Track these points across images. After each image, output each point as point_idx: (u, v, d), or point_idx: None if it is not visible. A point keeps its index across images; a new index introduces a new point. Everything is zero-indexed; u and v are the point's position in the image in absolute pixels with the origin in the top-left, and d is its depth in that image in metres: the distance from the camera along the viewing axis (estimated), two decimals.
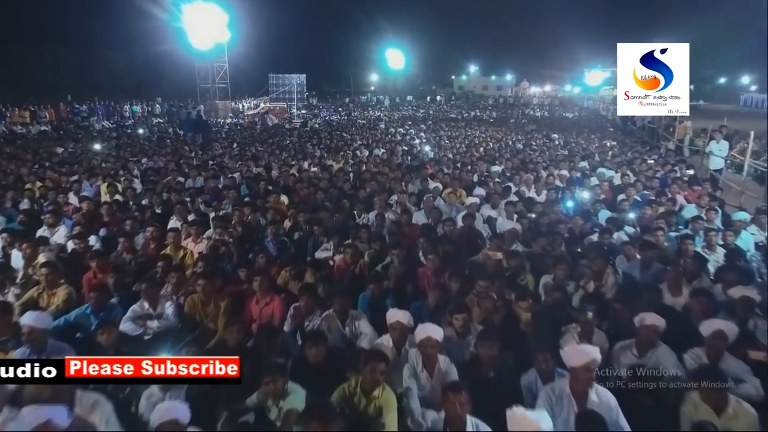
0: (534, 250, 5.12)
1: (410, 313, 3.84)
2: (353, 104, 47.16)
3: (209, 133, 16.62)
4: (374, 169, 10.82)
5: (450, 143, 15.34)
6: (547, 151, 13.16)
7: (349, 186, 8.70)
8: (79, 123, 23.29)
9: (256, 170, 10.17)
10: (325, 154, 13.00)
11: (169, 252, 5.28)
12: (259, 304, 4.18)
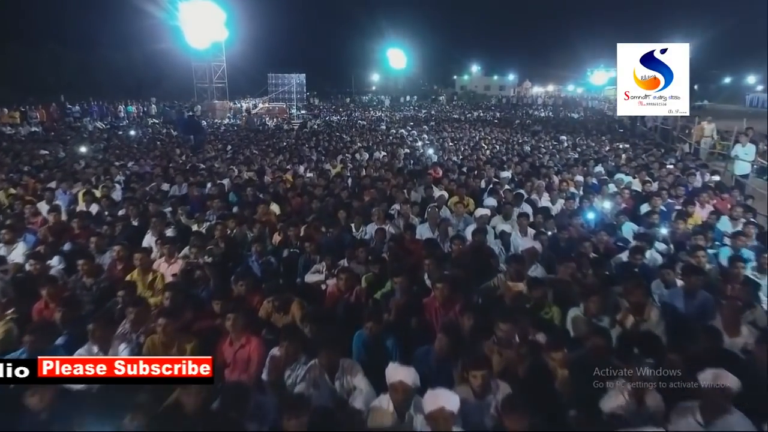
0: (559, 276, 4.39)
1: (416, 359, 3.16)
2: (354, 104, 46.56)
3: (201, 134, 15.94)
4: (374, 174, 10.13)
5: (454, 145, 14.63)
6: (558, 154, 12.43)
7: (347, 194, 7.99)
8: (72, 124, 22.63)
9: (247, 175, 9.47)
10: (322, 158, 12.30)
11: (135, 276, 4.58)
12: (234, 346, 3.47)
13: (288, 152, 13.06)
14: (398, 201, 7.47)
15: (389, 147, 13.87)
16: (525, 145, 14.56)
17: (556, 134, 17.93)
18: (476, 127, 22.33)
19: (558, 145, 14.38)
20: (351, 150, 13.30)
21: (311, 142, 15.15)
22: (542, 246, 5.15)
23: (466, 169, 10.55)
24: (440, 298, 3.95)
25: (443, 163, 11.49)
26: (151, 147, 13.94)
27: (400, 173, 9.74)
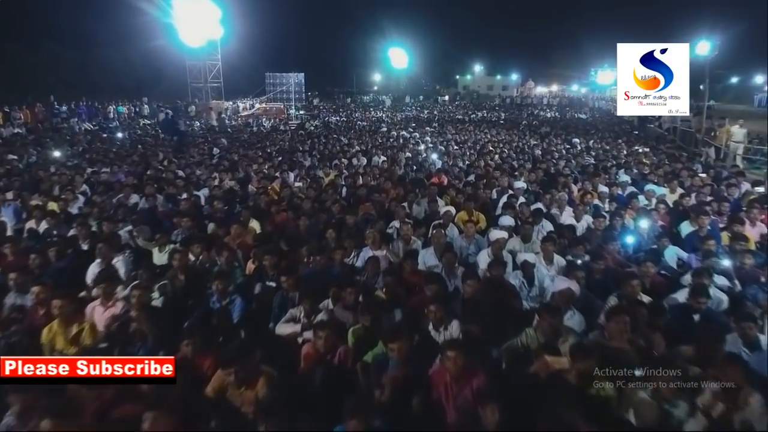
0: (611, 336, 3.30)
1: None
2: (355, 104, 45.62)
3: (184, 137, 14.93)
4: (372, 182, 9.11)
5: (459, 149, 13.57)
6: (573, 159, 11.35)
7: (339, 207, 6.94)
8: (58, 125, 21.64)
9: (228, 184, 8.44)
10: (316, 163, 11.27)
11: (54, 329, 3.54)
12: None
13: (279, 157, 12.04)
14: (398, 217, 6.44)
15: (389, 151, 12.83)
16: (536, 149, 13.48)
17: (566, 136, 16.85)
18: (481, 128, 21.26)
19: (572, 149, 13.31)
20: (348, 154, 12.27)
21: (306, 146, 14.12)
22: (578, 284, 4.06)
23: (474, 177, 9.50)
24: (452, 370, 2.90)
25: (448, 169, 10.44)
26: (131, 151, 12.91)
27: (401, 182, 8.70)
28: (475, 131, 19.08)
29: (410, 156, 12.22)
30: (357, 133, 18.30)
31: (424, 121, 25.06)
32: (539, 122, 24.23)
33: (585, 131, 19.42)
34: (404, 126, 21.96)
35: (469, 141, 15.98)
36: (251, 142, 15.35)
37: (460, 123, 23.56)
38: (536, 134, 18.84)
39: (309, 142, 15.05)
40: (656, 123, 20.01)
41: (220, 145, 14.12)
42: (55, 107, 23.42)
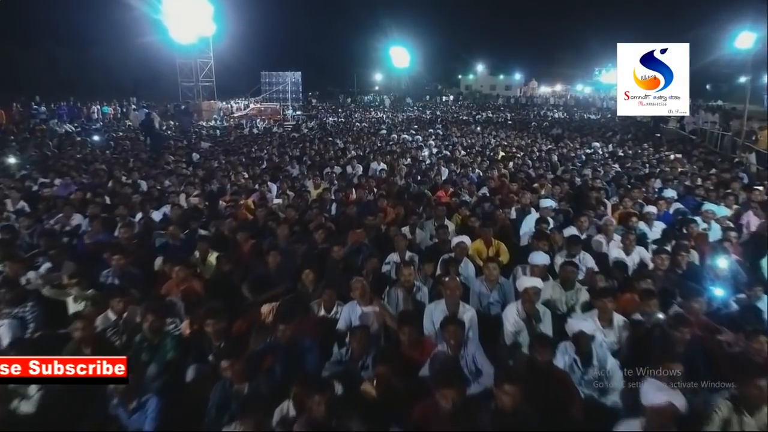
0: None
1: None
2: (355, 104, 44.30)
3: (158, 140, 13.54)
4: (368, 195, 7.71)
5: (467, 154, 12.14)
6: (600, 167, 9.90)
7: (324, 234, 5.51)
8: (36, 126, 20.26)
9: (192, 201, 7.02)
10: (305, 171, 9.86)
11: None
12: None
13: (263, 164, 10.63)
14: (397, 249, 5.03)
15: (388, 156, 11.40)
16: (552, 155, 12.02)
17: (583, 139, 15.40)
18: (488, 129, 19.83)
19: (593, 155, 11.84)
20: (342, 161, 10.85)
21: (297, 150, 12.69)
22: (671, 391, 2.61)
23: (488, 190, 8.07)
24: None
25: (456, 179, 9.03)
26: (98, 158, 11.50)
27: (401, 198, 7.28)
28: (482, 134, 17.63)
29: (412, 162, 10.81)
30: (355, 135, 16.87)
31: (427, 123, 23.62)
32: (549, 123, 22.74)
33: (600, 133, 17.97)
34: (406, 127, 20.53)
35: (477, 145, 14.55)
36: (237, 146, 13.93)
37: (465, 124, 22.11)
38: (548, 137, 17.41)
39: (301, 146, 13.63)
40: (677, 124, 18.56)
41: (200, 149, 12.71)
42: (33, 108, 22.01)
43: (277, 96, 32.76)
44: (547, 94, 58.60)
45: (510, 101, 49.25)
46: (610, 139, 15.88)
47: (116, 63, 27.75)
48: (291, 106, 32.40)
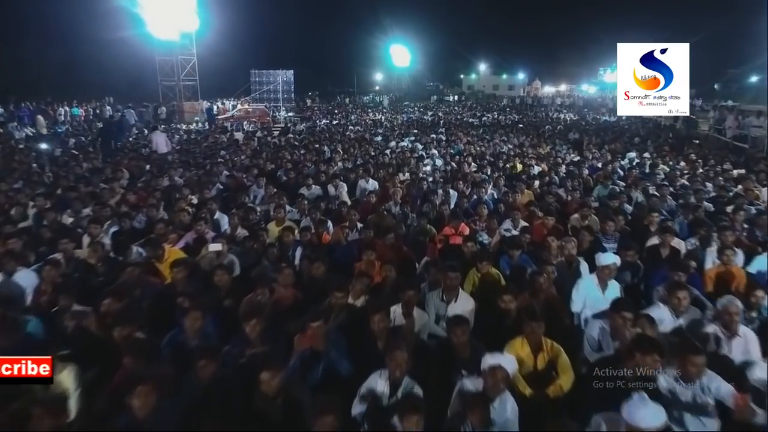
0: None
1: None
2: (354, 105, 42.29)
3: (108, 149, 11.46)
4: (348, 231, 5.59)
5: (478, 167, 9.97)
6: (653, 188, 7.72)
7: (261, 328, 3.35)
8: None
9: (99, 249, 4.84)
10: (274, 191, 7.68)
11: None
12: None
13: (219, 184, 8.47)
14: (388, 362, 2.88)
15: (382, 171, 9.23)
16: (581, 167, 9.83)
17: (610, 146, 13.22)
18: (497, 133, 17.66)
19: (634, 169, 9.60)
20: (323, 177, 8.66)
21: (272, 165, 10.49)
22: None
23: (512, 223, 5.89)
24: None
25: (468, 207, 6.87)
26: (26, 170, 9.35)
27: (395, 249, 5.09)
28: (492, 139, 15.40)
29: (410, 180, 8.63)
30: (348, 142, 14.65)
31: (428, 125, 21.43)
32: (564, 126, 20.51)
33: (626, 139, 15.79)
34: (405, 131, 18.34)
35: (488, 153, 12.37)
36: (203, 157, 11.71)
37: (471, 128, 19.91)
38: (566, 142, 15.24)
39: (282, 152, 11.41)
40: (713, 129, 16.39)
41: (156, 161, 10.53)
42: None
43: (267, 96, 30.58)
44: (552, 93, 56.93)
45: (515, 101, 47.16)
46: (642, 147, 13.69)
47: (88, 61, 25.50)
48: (282, 107, 30.26)
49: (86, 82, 24.08)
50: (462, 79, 63.79)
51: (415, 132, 17.67)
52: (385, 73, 55.05)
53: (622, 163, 10.73)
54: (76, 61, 25.18)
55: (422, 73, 55.61)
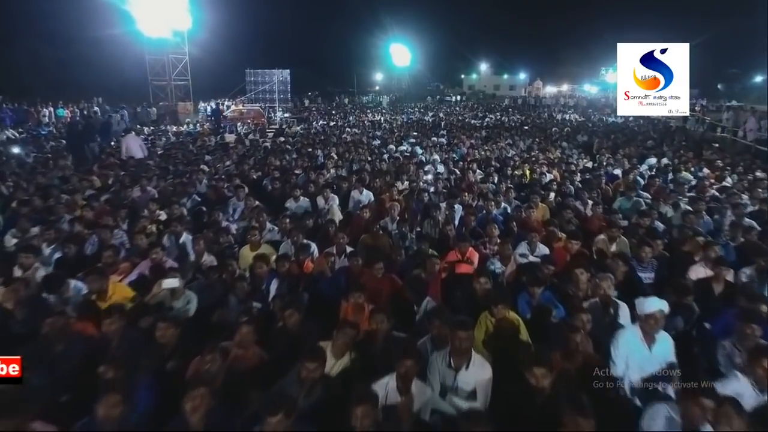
0: None
1: None
2: (353, 105, 41.42)
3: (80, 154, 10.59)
4: (334, 262, 4.69)
5: (484, 174, 9.06)
6: (685, 200, 6.81)
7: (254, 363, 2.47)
8: None
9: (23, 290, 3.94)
10: (253, 204, 6.77)
11: None
12: None
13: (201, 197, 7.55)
14: None
15: (378, 181, 8.32)
16: (599, 176, 8.92)
17: (624, 150, 12.30)
18: (502, 135, 16.74)
19: (657, 178, 8.68)
20: (312, 188, 7.74)
21: (259, 172, 9.57)
22: None
23: (533, 248, 4.97)
24: None
25: (477, 227, 5.96)
26: None
27: (390, 279, 4.19)
28: (497, 141, 14.48)
29: (409, 191, 7.71)
30: (344, 146, 13.74)
31: (429, 127, 20.49)
32: (571, 129, 19.56)
33: (639, 142, 14.87)
34: (405, 134, 17.42)
35: (493, 158, 11.44)
36: (186, 163, 10.76)
37: (474, 130, 18.97)
38: (577, 146, 14.32)
39: (266, 162, 10.50)
40: (728, 131, 15.47)
41: (131, 168, 9.60)
42: None
43: (263, 96, 29.63)
44: (553, 94, 56.09)
45: (517, 102, 46.20)
46: (659, 151, 12.76)
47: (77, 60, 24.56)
48: (279, 107, 29.31)
49: (75, 81, 23.13)
50: (463, 78, 63.05)
51: (415, 134, 16.74)
52: (386, 72, 54.36)
53: (641, 169, 9.82)
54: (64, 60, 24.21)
55: (423, 72, 54.88)
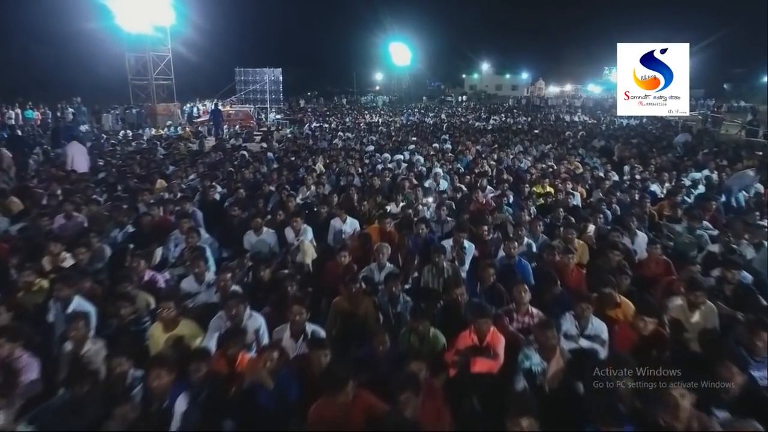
0: None
1: None
2: (351, 105, 39.87)
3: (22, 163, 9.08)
4: (266, 367, 3.15)
5: (498, 194, 7.39)
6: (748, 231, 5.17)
7: None
8: None
9: None
10: (200, 234, 5.16)
11: None
12: None
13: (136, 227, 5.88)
14: None
15: (367, 203, 6.67)
16: (643, 198, 7.23)
17: (657, 161, 10.64)
18: (510, 140, 15.10)
19: (712, 202, 6.98)
20: (283, 214, 6.08)
21: (225, 188, 7.92)
22: None
23: (584, 324, 3.32)
24: None
25: (498, 286, 4.30)
26: None
27: (366, 400, 2.53)
28: (508, 150, 12.73)
29: (403, 218, 6.03)
30: (332, 154, 12.07)
31: (429, 130, 18.80)
32: (587, 133, 17.83)
33: (663, 149, 13.24)
34: (404, 138, 15.76)
35: (505, 170, 9.74)
36: (139, 177, 9.07)
37: (479, 133, 17.28)
38: (596, 153, 12.65)
39: (238, 176, 8.83)
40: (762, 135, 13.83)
41: (66, 183, 7.93)
42: None
43: (254, 97, 28.02)
44: (556, 93, 54.80)
45: (521, 102, 44.54)
46: (693, 159, 11.10)
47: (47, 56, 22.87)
48: (272, 108, 27.70)
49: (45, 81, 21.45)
50: (464, 78, 62.12)
51: (414, 140, 15.07)
52: (385, 72, 52.97)
53: (686, 182, 8.16)
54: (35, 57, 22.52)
55: (423, 72, 53.48)
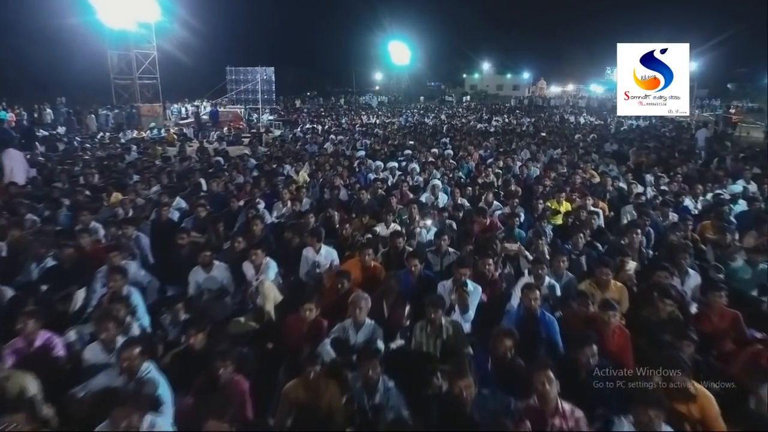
0: None
1: None
2: (348, 105, 38.85)
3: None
4: None
5: (504, 215, 6.20)
6: None
7: None
8: None
9: None
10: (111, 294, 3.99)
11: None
12: None
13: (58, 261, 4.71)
14: None
15: (350, 226, 5.50)
16: (685, 222, 6.04)
17: (682, 170, 9.44)
18: (516, 144, 13.93)
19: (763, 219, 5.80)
20: (243, 241, 4.90)
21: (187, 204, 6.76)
22: None
23: None
24: None
25: (517, 364, 3.12)
26: None
27: None
28: (515, 156, 11.42)
29: (391, 250, 4.84)
30: (319, 162, 10.87)
31: (429, 133, 17.58)
32: (598, 136, 16.60)
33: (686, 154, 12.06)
34: (401, 141, 14.57)
35: (512, 180, 8.54)
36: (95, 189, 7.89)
37: (482, 136, 16.05)
38: (612, 159, 11.42)
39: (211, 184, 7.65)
40: None
41: (16, 196, 6.73)
42: None
43: (246, 97, 26.80)
44: (558, 93, 53.98)
45: (523, 102, 43.42)
46: (722, 167, 9.92)
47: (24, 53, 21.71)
48: (266, 109, 26.51)
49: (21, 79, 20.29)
50: (465, 78, 61.50)
51: (411, 143, 13.87)
52: (385, 72, 52.11)
53: (724, 196, 6.96)
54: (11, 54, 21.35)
55: (423, 71, 52.56)
